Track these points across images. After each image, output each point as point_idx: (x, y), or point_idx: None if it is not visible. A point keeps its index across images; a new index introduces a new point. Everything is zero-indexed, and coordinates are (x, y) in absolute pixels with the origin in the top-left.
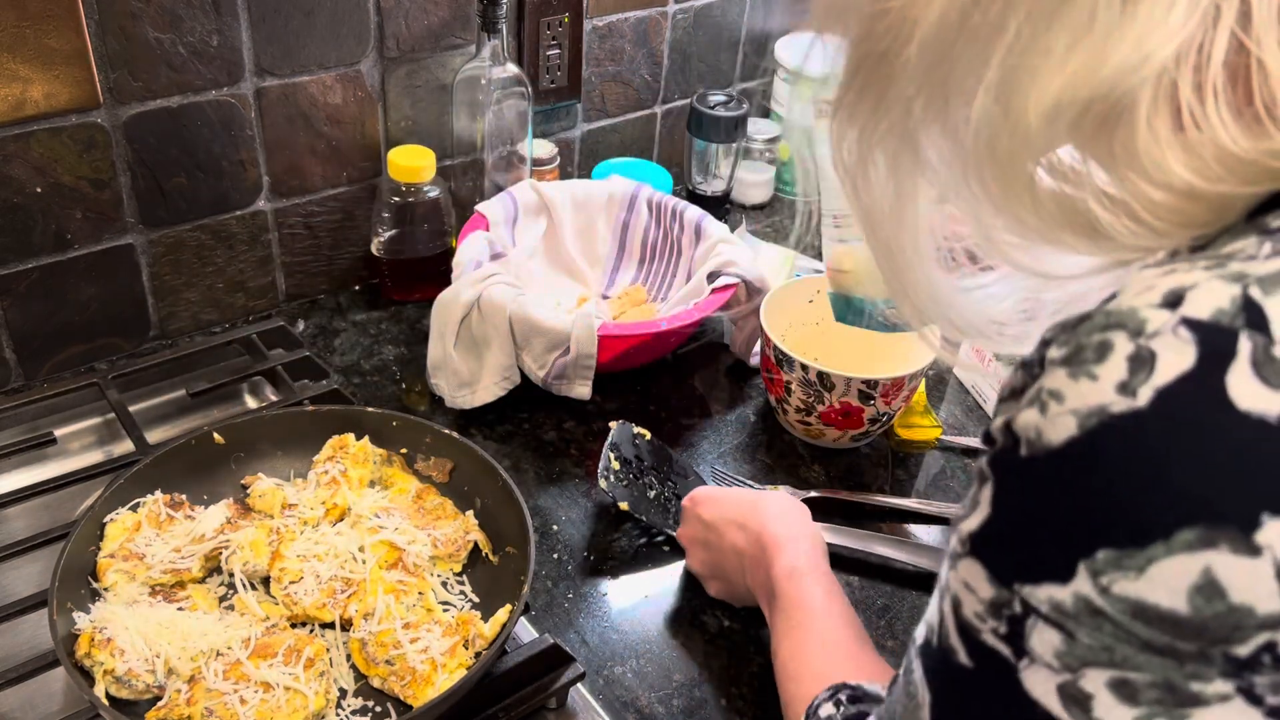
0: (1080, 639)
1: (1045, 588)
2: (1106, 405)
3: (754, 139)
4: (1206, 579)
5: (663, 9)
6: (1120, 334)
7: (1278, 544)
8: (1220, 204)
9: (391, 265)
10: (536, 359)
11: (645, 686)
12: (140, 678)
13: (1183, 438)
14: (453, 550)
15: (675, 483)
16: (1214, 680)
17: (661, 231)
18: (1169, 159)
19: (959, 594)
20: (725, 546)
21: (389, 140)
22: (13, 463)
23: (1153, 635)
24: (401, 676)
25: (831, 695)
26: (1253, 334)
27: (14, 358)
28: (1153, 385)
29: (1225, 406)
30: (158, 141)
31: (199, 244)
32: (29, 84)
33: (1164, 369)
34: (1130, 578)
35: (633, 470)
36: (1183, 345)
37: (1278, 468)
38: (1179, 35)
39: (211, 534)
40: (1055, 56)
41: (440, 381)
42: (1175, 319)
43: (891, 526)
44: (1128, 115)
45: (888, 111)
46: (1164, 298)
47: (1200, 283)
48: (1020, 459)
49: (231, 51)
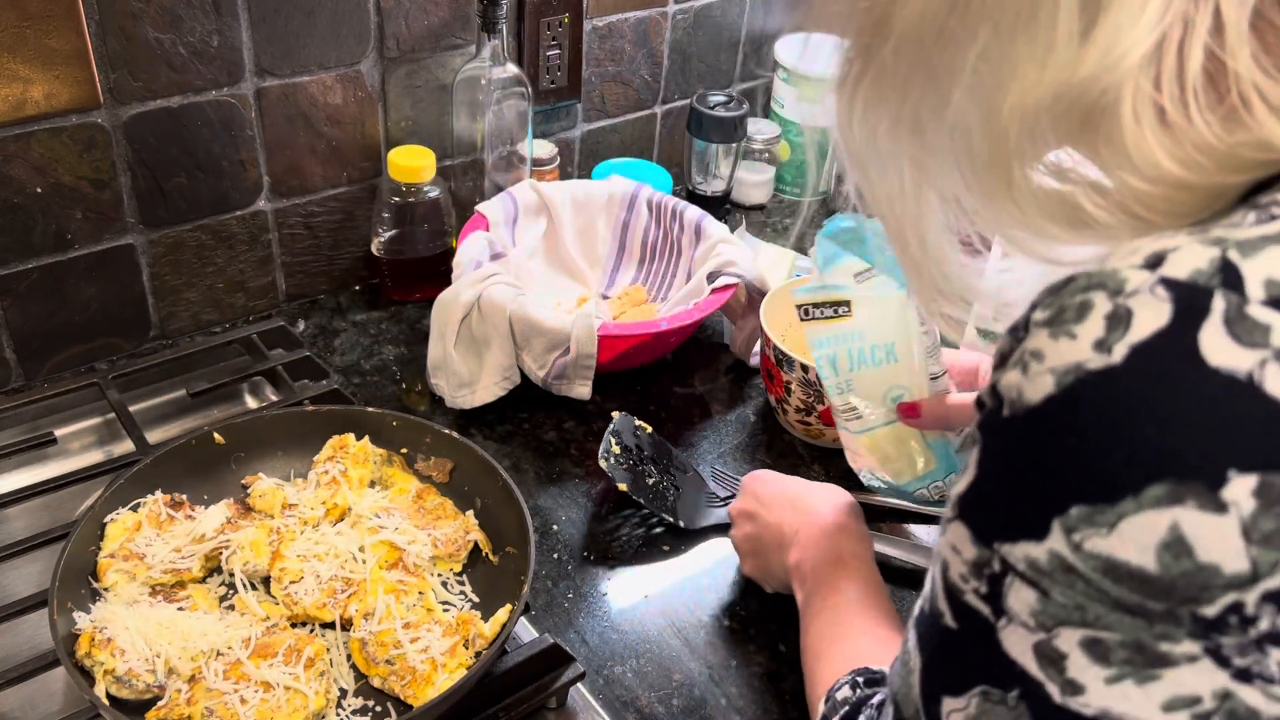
0: (1054, 597)
1: (1022, 545)
2: (1083, 362)
3: (754, 139)
4: (1174, 535)
5: (663, 9)
6: (1100, 293)
7: (1244, 501)
8: (1211, 193)
9: (391, 265)
10: (536, 359)
11: (645, 686)
12: (140, 678)
13: (1154, 393)
14: (453, 550)
15: (674, 475)
16: (1182, 641)
17: (661, 231)
18: (1157, 153)
19: (947, 557)
20: (772, 522)
21: (389, 140)
22: (13, 463)
23: (1123, 593)
24: (402, 676)
25: (851, 679)
26: (1227, 293)
27: (14, 358)
28: (1127, 342)
29: (1197, 363)
30: (158, 141)
31: (199, 244)
32: (29, 84)
33: (1139, 326)
34: (1102, 534)
35: (633, 457)
36: (1158, 303)
37: (1246, 424)
38: (1146, 41)
39: (212, 534)
40: (1024, 65)
41: (440, 381)
42: (1154, 278)
43: (891, 526)
44: (1111, 113)
45: (885, 100)
46: (1146, 260)
47: (1181, 245)
48: (1003, 419)
49: (232, 51)
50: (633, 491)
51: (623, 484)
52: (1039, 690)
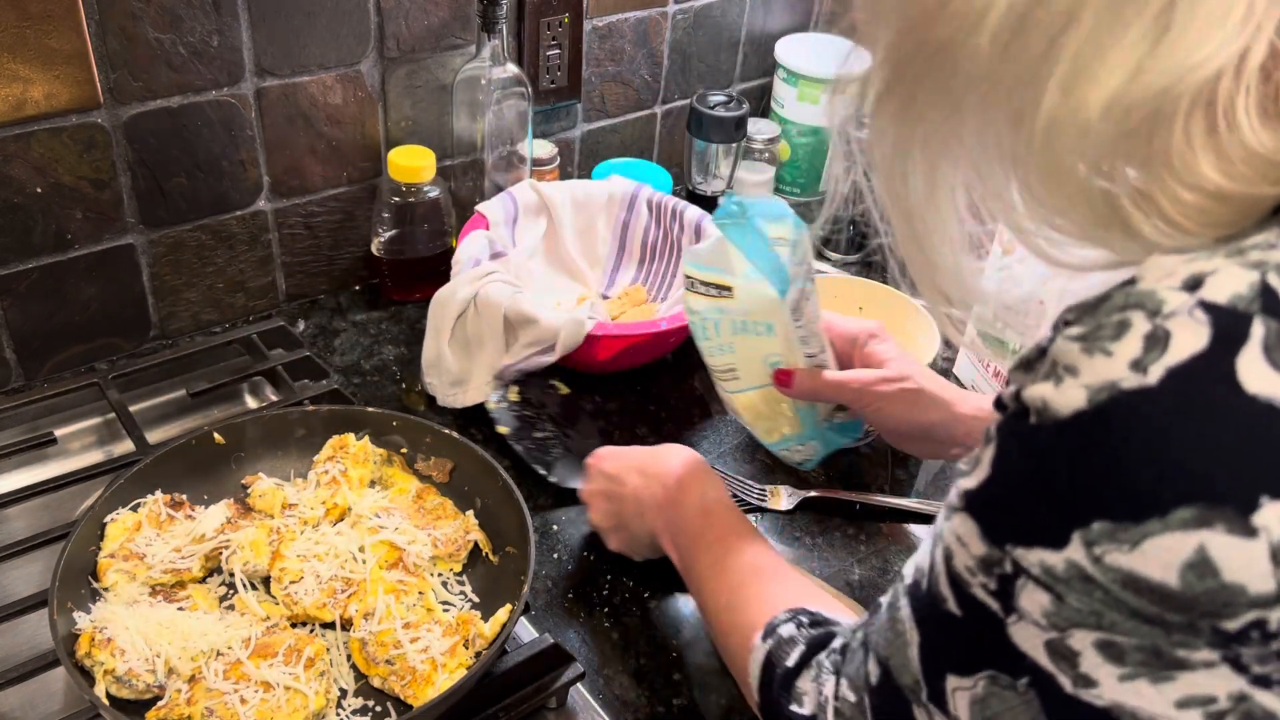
0: (1069, 602)
1: (1037, 552)
2: (1117, 380)
3: (754, 139)
4: (1200, 557)
5: (663, 9)
6: (1138, 313)
7: (1275, 526)
8: (1246, 205)
9: (392, 265)
10: (514, 353)
11: (645, 686)
12: (140, 677)
13: (1188, 416)
14: (453, 550)
15: (571, 438)
16: (1200, 649)
17: (661, 231)
18: (1200, 161)
19: (951, 546)
20: (626, 494)
21: (389, 140)
22: (13, 463)
23: (1142, 604)
24: (401, 676)
25: (792, 617)
26: (1267, 319)
27: (14, 358)
28: (1164, 364)
29: (1233, 388)
30: (158, 141)
31: (199, 244)
32: (29, 84)
33: (1177, 348)
34: (1124, 550)
35: (531, 408)
36: (1197, 326)
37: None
38: (1225, 52)
39: (212, 534)
40: (1123, 51)
41: (433, 380)
42: (1193, 301)
43: (891, 526)
44: (1168, 115)
45: (934, 107)
46: (1184, 281)
47: (1220, 268)
48: (1027, 426)
49: (232, 51)
50: (513, 438)
51: (504, 427)
52: (1050, 680)
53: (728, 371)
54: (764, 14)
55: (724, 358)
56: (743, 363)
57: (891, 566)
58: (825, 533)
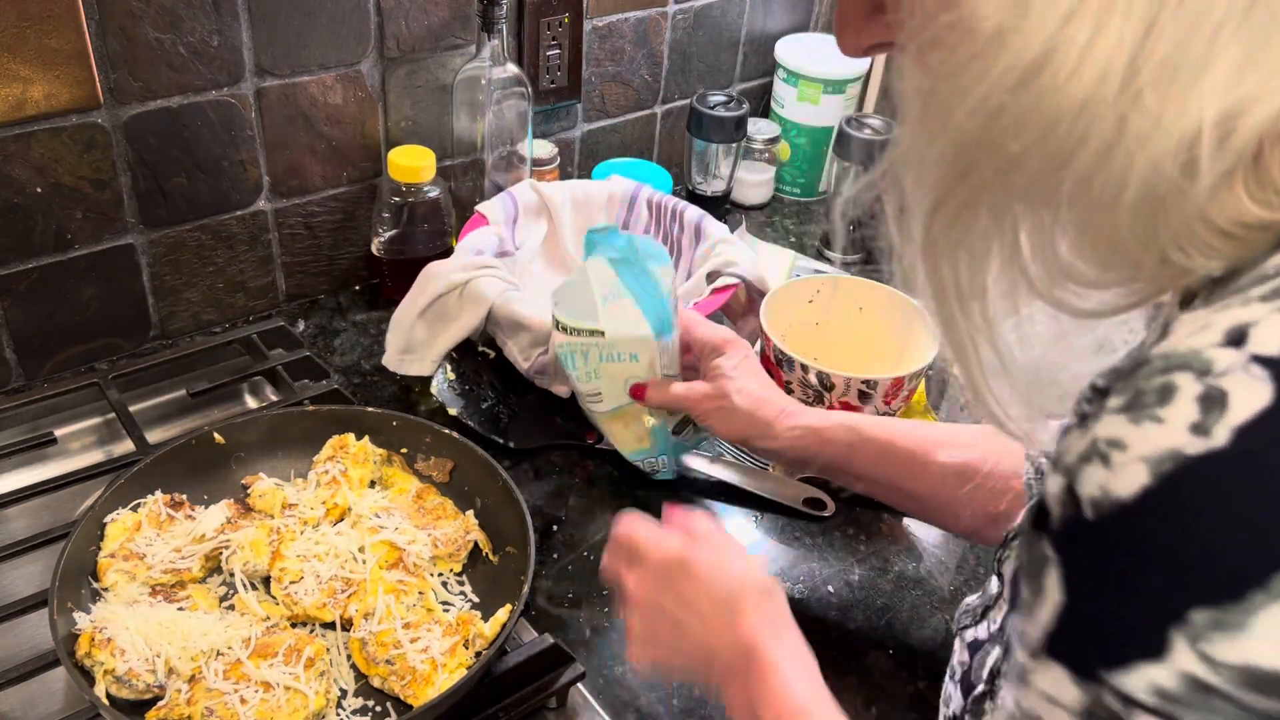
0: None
1: (1140, 670)
2: (1180, 448)
3: (754, 139)
4: None
5: (663, 9)
6: (1184, 375)
7: None
8: (1255, 239)
9: (392, 265)
10: (522, 351)
11: (645, 686)
12: (140, 677)
13: (1268, 475)
14: (453, 550)
15: (511, 398)
16: None
17: (661, 232)
18: (1241, 194)
19: (1042, 715)
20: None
21: (389, 140)
22: (13, 463)
23: (1273, 706)
24: (402, 676)
25: None
26: None
27: (14, 358)
28: (1228, 424)
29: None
30: (158, 141)
31: (199, 244)
32: (29, 84)
33: (1239, 407)
34: (1234, 638)
35: (469, 382)
36: (1255, 382)
37: None
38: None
39: (212, 534)
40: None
41: (392, 338)
42: (1244, 356)
43: (891, 526)
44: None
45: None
46: (1225, 336)
47: (1261, 318)
48: (1087, 523)
49: (232, 51)
50: (463, 416)
51: (453, 409)
52: None
53: (594, 395)
54: (764, 14)
55: (591, 384)
56: (607, 386)
57: (891, 567)
58: (825, 533)
